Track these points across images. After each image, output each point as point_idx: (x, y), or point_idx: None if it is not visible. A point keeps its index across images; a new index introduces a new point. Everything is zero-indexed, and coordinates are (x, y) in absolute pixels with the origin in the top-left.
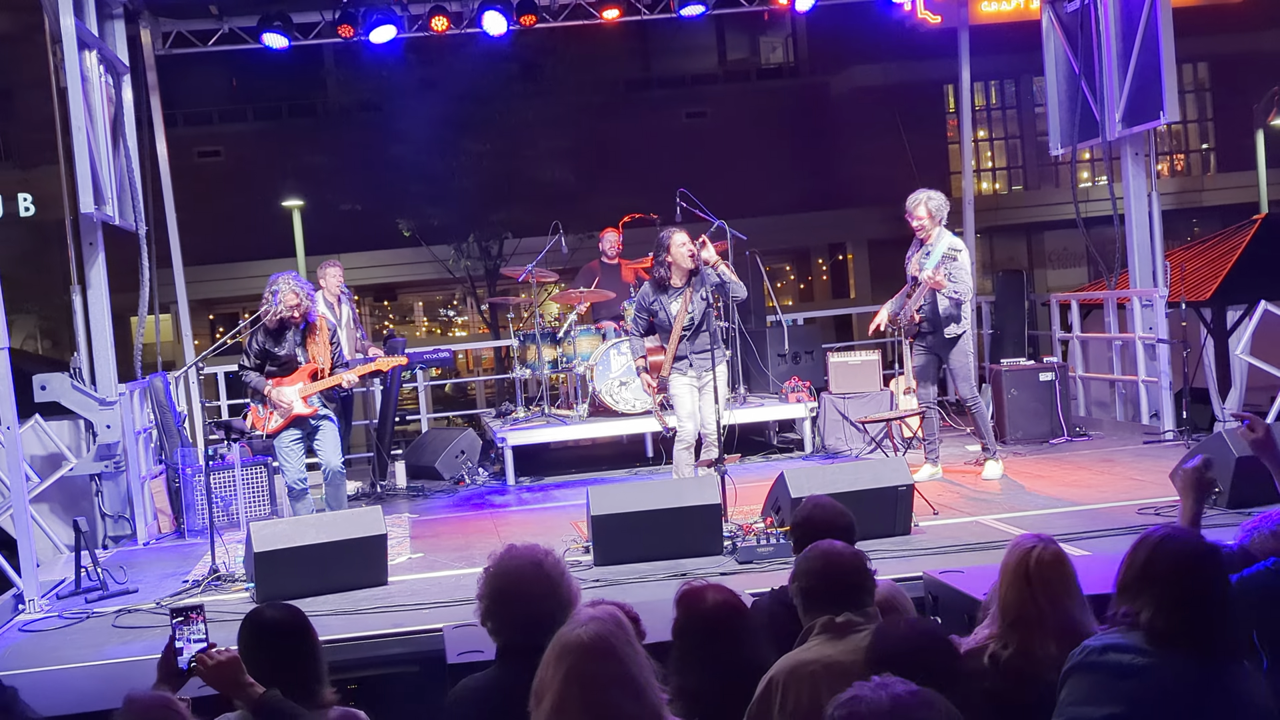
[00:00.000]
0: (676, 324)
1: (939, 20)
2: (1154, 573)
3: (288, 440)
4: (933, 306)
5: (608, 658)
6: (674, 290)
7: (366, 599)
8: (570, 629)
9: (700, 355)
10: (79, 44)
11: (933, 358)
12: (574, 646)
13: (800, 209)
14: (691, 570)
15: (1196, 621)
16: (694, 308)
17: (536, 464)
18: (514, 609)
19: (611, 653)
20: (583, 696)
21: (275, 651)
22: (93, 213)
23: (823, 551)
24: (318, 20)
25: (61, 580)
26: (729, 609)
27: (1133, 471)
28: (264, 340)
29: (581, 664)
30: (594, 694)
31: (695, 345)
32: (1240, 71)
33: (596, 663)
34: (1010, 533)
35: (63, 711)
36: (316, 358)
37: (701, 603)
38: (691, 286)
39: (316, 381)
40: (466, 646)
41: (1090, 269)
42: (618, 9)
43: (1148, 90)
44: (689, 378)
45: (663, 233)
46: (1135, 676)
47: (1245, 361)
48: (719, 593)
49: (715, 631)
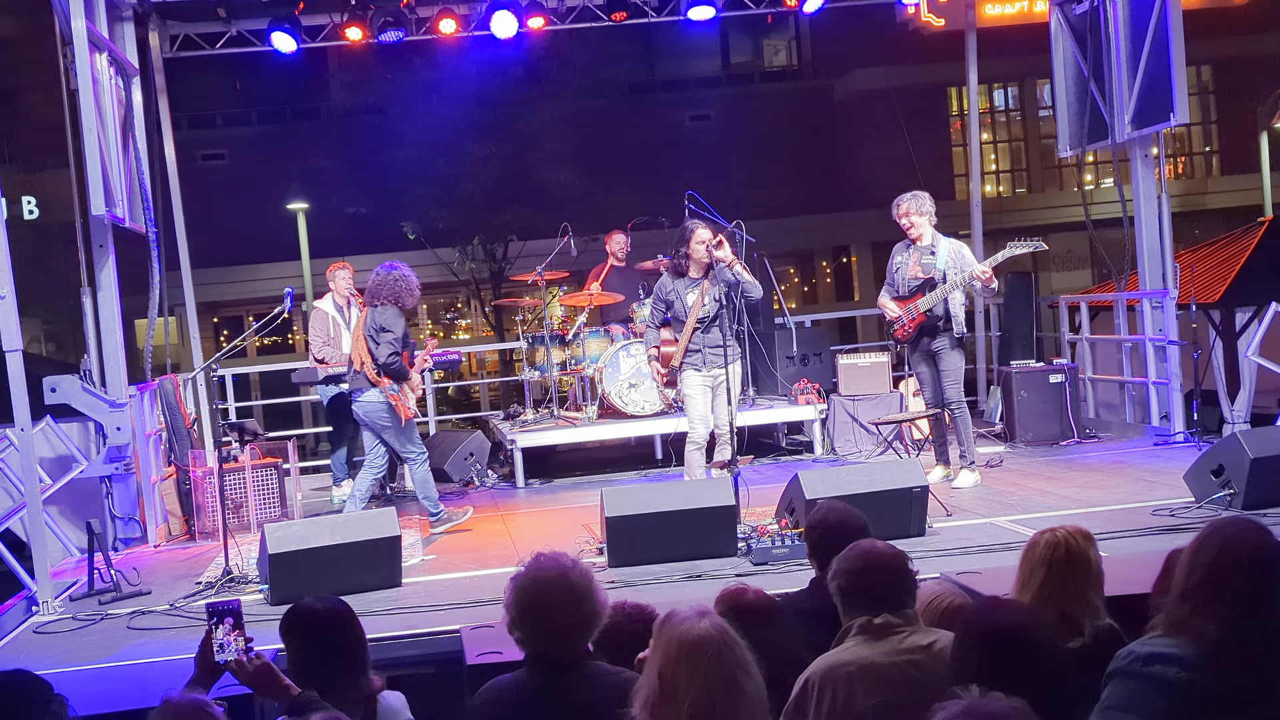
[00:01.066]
0: (691, 314)
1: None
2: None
3: None
4: (946, 305)
5: (735, 647)
6: (691, 281)
7: (381, 600)
8: (686, 627)
9: (713, 350)
10: (90, 46)
11: (931, 364)
12: (706, 642)
13: (804, 211)
14: (707, 571)
15: (1265, 638)
16: (709, 300)
17: (546, 466)
18: (542, 622)
19: (736, 642)
20: (724, 688)
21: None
22: (104, 215)
23: (864, 550)
24: (326, 23)
25: (74, 582)
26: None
27: (1144, 473)
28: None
29: (718, 657)
30: (732, 684)
31: (708, 339)
32: (1244, 74)
33: (730, 654)
34: (1024, 534)
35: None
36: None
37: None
38: (709, 279)
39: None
40: (486, 647)
41: (1095, 271)
42: (625, 11)
43: (1157, 92)
44: (701, 374)
45: (687, 224)
46: (1178, 692)
47: (1254, 363)
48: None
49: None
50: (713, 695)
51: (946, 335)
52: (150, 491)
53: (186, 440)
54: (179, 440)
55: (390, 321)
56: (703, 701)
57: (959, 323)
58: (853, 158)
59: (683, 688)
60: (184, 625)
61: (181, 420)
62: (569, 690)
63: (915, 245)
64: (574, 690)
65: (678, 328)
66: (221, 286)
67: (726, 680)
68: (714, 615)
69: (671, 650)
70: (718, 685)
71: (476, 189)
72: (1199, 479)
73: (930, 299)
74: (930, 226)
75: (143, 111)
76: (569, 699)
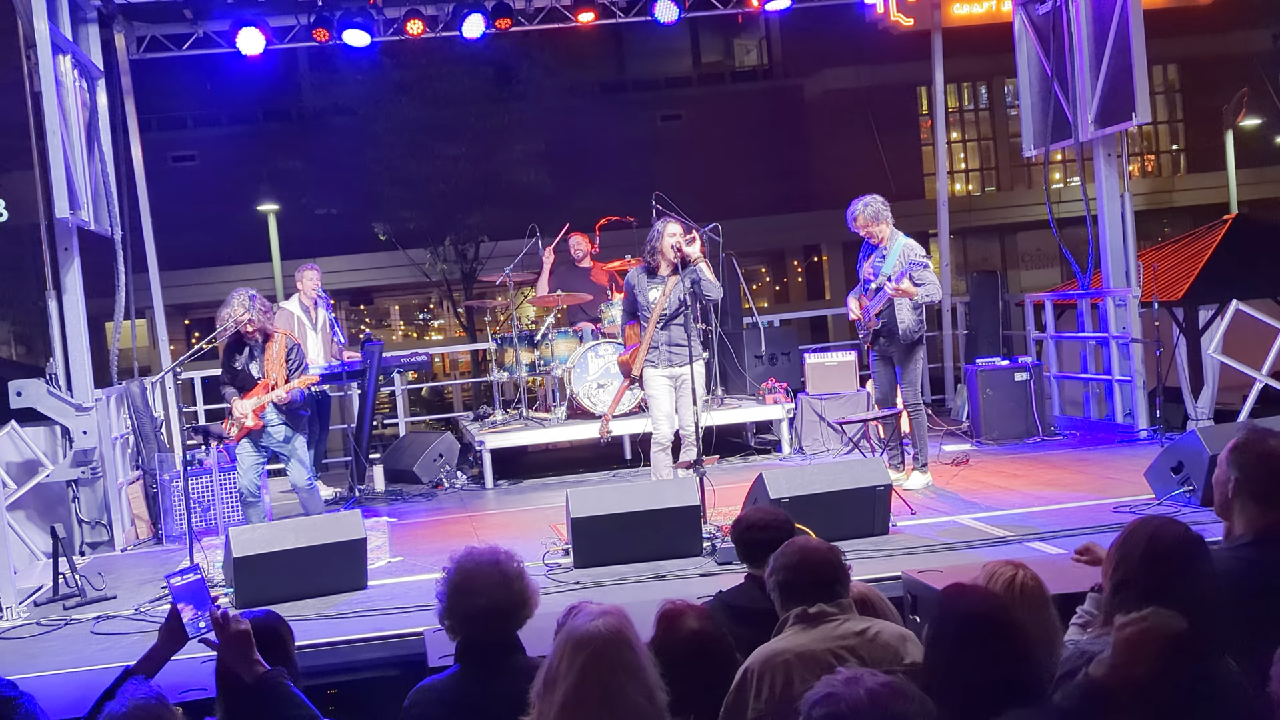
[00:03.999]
0: (655, 309)
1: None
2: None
3: (243, 449)
4: (891, 312)
5: (623, 650)
6: (658, 278)
7: (346, 603)
8: (584, 622)
9: (674, 348)
10: (53, 48)
11: (889, 367)
12: (590, 638)
13: (775, 211)
14: (671, 571)
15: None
16: (672, 297)
17: (515, 467)
18: (471, 603)
19: (627, 645)
20: (599, 687)
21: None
22: (68, 218)
23: (799, 547)
24: (293, 24)
25: (39, 587)
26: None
27: (1108, 470)
28: (224, 355)
29: (598, 655)
30: (609, 685)
31: (670, 337)
32: (1210, 73)
33: (612, 655)
34: (988, 532)
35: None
36: (270, 373)
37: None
38: (676, 276)
39: (261, 396)
40: (448, 650)
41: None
42: (593, 12)
43: (1120, 91)
44: (661, 371)
45: (659, 220)
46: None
47: (1217, 360)
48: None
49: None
50: (584, 692)
51: (897, 338)
52: (117, 495)
53: (154, 443)
54: (146, 444)
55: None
56: (573, 697)
57: (906, 324)
58: (823, 157)
59: (560, 680)
60: (149, 630)
61: (148, 423)
62: (497, 686)
63: (875, 247)
64: (502, 685)
65: (643, 322)
66: (193, 288)
67: (604, 681)
68: (615, 618)
69: (561, 642)
70: (593, 683)
71: (447, 189)
72: (1159, 476)
73: (876, 301)
74: (887, 228)
75: (108, 113)
76: (497, 694)
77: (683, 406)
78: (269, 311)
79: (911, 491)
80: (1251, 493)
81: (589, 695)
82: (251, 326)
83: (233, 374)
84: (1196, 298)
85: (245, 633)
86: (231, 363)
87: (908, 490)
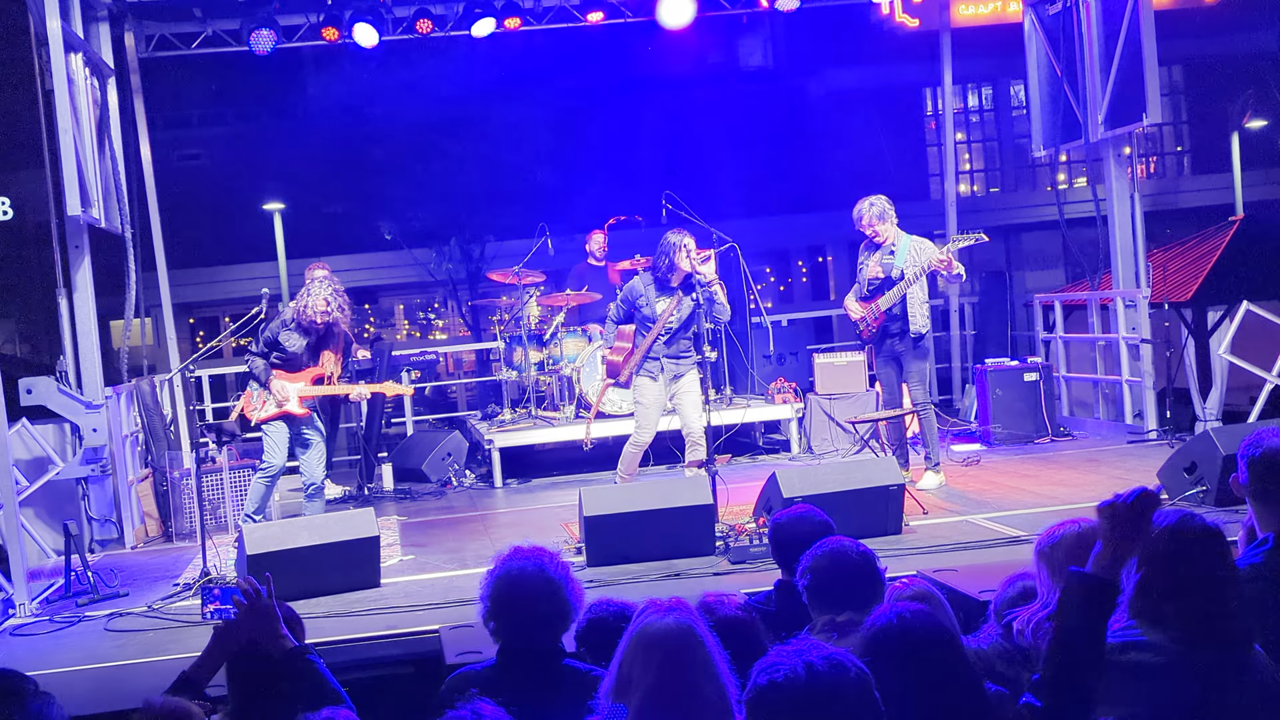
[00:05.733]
0: (660, 321)
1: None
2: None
3: (274, 427)
4: (904, 307)
5: (695, 646)
6: (668, 290)
7: (359, 601)
8: (653, 620)
9: (672, 360)
10: (65, 46)
11: (894, 366)
12: (664, 636)
13: (779, 211)
14: (685, 570)
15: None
16: (680, 311)
17: (523, 466)
18: (517, 611)
19: (699, 641)
20: (676, 683)
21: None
22: (79, 215)
23: (830, 550)
24: (302, 23)
25: (51, 584)
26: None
27: (1119, 470)
28: (279, 331)
29: (673, 653)
30: (685, 681)
31: (670, 350)
32: (1215, 74)
33: (686, 650)
34: (1001, 531)
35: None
36: (326, 365)
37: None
38: (682, 291)
39: (320, 386)
40: (465, 647)
41: (1068, 270)
42: (601, 12)
43: (1130, 92)
44: (658, 383)
45: (673, 233)
46: (1156, 678)
47: (1226, 361)
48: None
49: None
50: (663, 691)
51: (907, 337)
52: (127, 493)
53: (163, 441)
54: (156, 441)
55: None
56: (652, 696)
57: (917, 322)
58: (828, 157)
59: (636, 680)
60: (162, 627)
61: (158, 421)
62: (539, 683)
63: (879, 246)
64: (544, 684)
65: (643, 329)
66: (198, 287)
67: (680, 677)
68: (684, 612)
69: (632, 641)
70: (670, 681)
71: (453, 189)
72: (1172, 476)
73: (889, 297)
74: (893, 227)
75: (118, 112)
76: (538, 691)
77: (689, 411)
78: (345, 308)
79: (924, 491)
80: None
81: (668, 694)
82: (329, 318)
83: (280, 352)
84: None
85: (272, 607)
86: (285, 342)
87: (920, 490)
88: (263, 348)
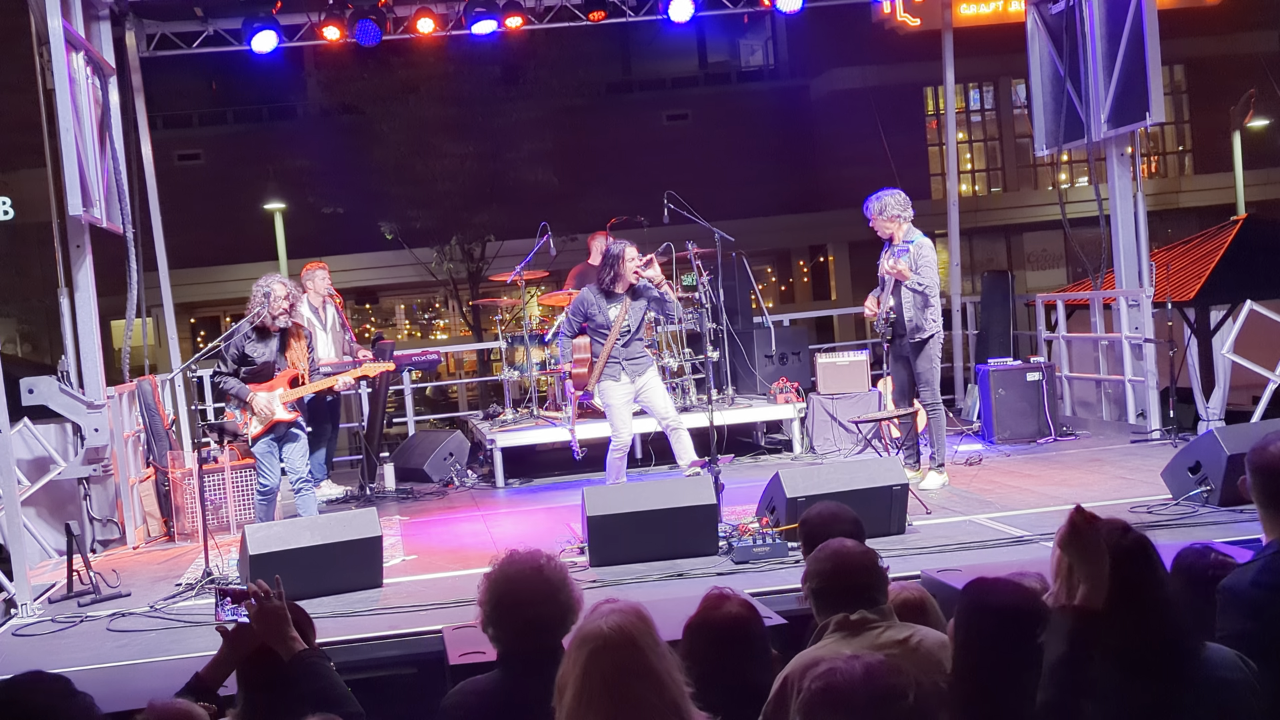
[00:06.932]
0: (615, 327)
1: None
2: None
3: (266, 446)
4: (899, 307)
5: (629, 648)
6: (615, 297)
7: (362, 601)
8: (592, 621)
9: (632, 361)
10: (66, 45)
11: (905, 366)
12: (594, 636)
13: (781, 211)
14: (688, 570)
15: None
16: (631, 315)
17: (525, 466)
18: (516, 616)
19: (633, 643)
20: (604, 686)
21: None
22: (80, 215)
23: (833, 551)
24: (302, 23)
25: (53, 584)
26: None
27: (1122, 470)
28: (243, 344)
29: (603, 654)
30: (615, 684)
31: (628, 352)
32: (1217, 74)
33: (618, 653)
34: (1006, 532)
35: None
36: (296, 364)
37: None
38: (630, 296)
39: (298, 387)
40: (468, 647)
41: (1070, 270)
42: (603, 11)
43: (1133, 91)
44: (622, 383)
45: (613, 244)
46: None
47: (1229, 360)
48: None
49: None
50: (590, 692)
51: (912, 337)
52: (129, 493)
53: (165, 441)
54: (157, 441)
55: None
56: (580, 698)
57: (916, 324)
58: (829, 157)
59: (569, 681)
60: (164, 627)
61: (160, 421)
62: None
63: (892, 244)
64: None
65: (598, 338)
66: (198, 287)
67: (608, 680)
68: (623, 615)
69: (574, 641)
70: (598, 682)
71: (454, 188)
72: (1176, 476)
73: (885, 298)
74: (901, 226)
75: (119, 111)
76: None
77: (656, 400)
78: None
79: (928, 491)
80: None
81: (594, 695)
82: (293, 310)
83: (249, 364)
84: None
85: (283, 608)
86: (254, 352)
87: (924, 490)
88: (232, 366)
